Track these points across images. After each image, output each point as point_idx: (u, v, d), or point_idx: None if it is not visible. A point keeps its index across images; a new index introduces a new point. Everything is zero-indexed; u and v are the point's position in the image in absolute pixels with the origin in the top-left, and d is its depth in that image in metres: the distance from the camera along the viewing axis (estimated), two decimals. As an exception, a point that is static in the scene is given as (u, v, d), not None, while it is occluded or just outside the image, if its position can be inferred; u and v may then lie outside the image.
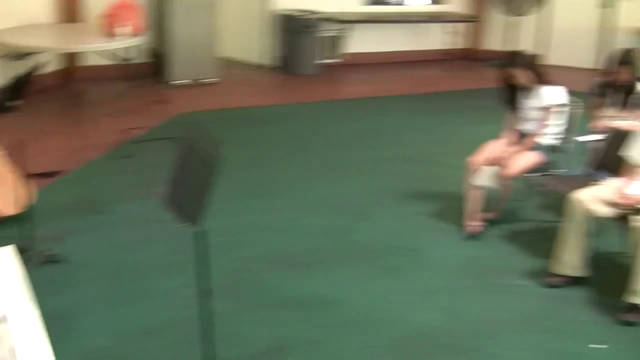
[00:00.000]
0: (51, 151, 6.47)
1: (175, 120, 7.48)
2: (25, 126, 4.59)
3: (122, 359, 3.71)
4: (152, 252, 4.78)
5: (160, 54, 9.00)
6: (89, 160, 6.37)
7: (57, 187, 5.80)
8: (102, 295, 4.26)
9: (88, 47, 7.89)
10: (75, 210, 5.37)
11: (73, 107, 8.27)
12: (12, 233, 4.70)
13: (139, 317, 4.06)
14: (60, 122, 7.55)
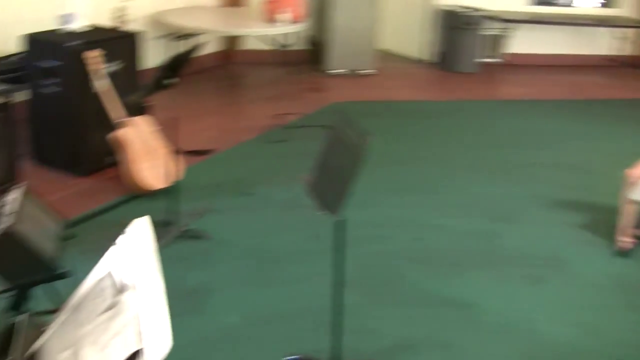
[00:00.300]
0: (204, 130, 6.63)
1: (328, 109, 7.49)
2: (181, 104, 4.71)
3: (250, 339, 3.74)
4: (291, 238, 4.79)
5: (319, 42, 9.05)
6: (240, 142, 6.47)
7: (207, 165, 5.93)
8: (238, 275, 4.32)
9: (248, 31, 8.04)
10: (222, 189, 5.47)
11: (229, 89, 8.45)
12: (158, 206, 4.85)
13: (271, 300, 4.09)
14: (215, 102, 7.71)
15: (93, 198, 5.23)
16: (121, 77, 5.51)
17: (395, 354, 3.68)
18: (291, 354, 3.58)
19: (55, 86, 5.37)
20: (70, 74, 5.32)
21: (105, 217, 4.94)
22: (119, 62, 5.52)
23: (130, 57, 5.70)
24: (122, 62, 5.57)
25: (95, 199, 5.21)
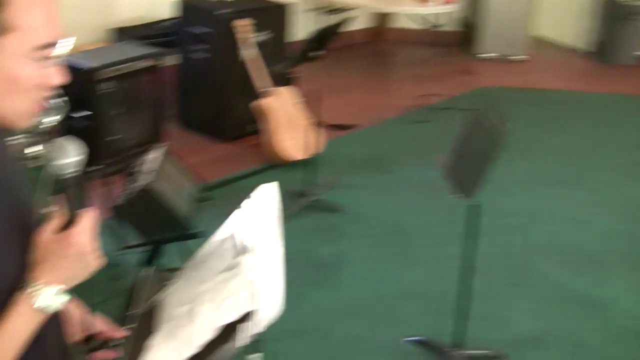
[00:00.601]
0: (347, 105, 6.62)
1: (476, 93, 7.31)
2: (326, 78, 4.72)
3: (374, 316, 3.75)
4: (427, 219, 4.74)
5: (471, 24, 8.86)
6: (382, 120, 6.43)
7: (347, 140, 5.93)
8: (370, 251, 4.32)
9: (400, 9, 7.96)
10: (360, 165, 5.47)
11: (376, 65, 8.41)
12: (295, 176, 4.89)
13: (399, 280, 4.08)
14: (360, 78, 7.70)
15: (232, 164, 5.34)
16: (269, 47, 5.58)
17: (520, 346, 3.57)
18: (413, 335, 3.54)
19: (204, 52, 5.49)
20: (220, 41, 5.43)
21: (242, 183, 5.03)
22: (267, 32, 5.59)
23: (279, 28, 5.76)
24: (271, 33, 5.63)
25: (234, 165, 5.32)
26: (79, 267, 1.33)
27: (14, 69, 1.19)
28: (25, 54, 1.18)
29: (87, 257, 1.33)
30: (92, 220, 1.35)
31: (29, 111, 1.26)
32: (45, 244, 1.32)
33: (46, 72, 1.23)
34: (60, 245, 1.31)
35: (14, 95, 1.21)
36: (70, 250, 1.31)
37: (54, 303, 1.31)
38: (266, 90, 5.25)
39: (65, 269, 1.32)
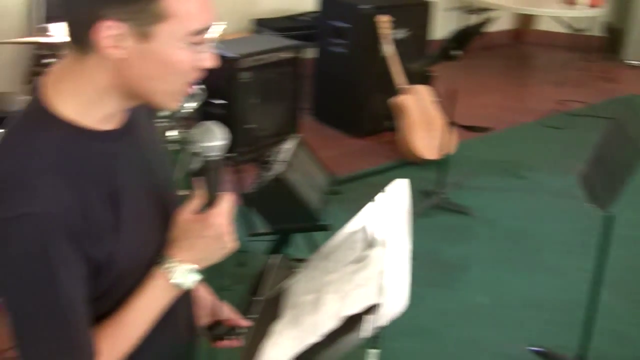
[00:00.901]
0: (482, 107, 6.53)
1: (619, 101, 7.05)
2: (463, 78, 4.67)
3: (495, 322, 3.69)
4: (557, 227, 4.63)
5: (616, 29, 8.56)
6: (518, 123, 6.32)
7: (480, 142, 5.86)
8: (495, 255, 4.26)
9: (543, 11, 7.78)
10: (492, 168, 5.39)
11: (515, 68, 8.26)
12: (426, 175, 4.87)
13: (525, 287, 4.00)
14: (498, 80, 7.58)
15: (364, 159, 5.38)
16: (408, 44, 5.57)
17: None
18: (534, 345, 3.47)
19: (343, 47, 5.54)
20: (359, 36, 5.47)
21: (373, 179, 5.05)
22: (407, 29, 5.58)
23: (419, 26, 5.75)
24: (411, 30, 5.62)
25: (366, 161, 5.35)
26: (214, 248, 1.39)
27: (170, 54, 1.24)
28: (181, 39, 1.24)
29: (224, 238, 1.38)
30: (230, 204, 1.40)
31: (179, 94, 1.32)
32: (184, 223, 1.38)
33: (199, 56, 1.28)
34: (199, 225, 1.37)
35: (167, 77, 1.27)
36: (208, 231, 1.36)
37: (187, 281, 1.37)
38: (404, 88, 5.25)
39: (201, 249, 1.38)
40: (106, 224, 1.28)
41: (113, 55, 1.23)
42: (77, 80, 1.28)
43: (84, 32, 1.22)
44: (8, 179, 1.22)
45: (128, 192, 1.33)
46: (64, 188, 1.22)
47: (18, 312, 1.24)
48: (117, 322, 1.34)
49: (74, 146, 1.27)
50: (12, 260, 1.21)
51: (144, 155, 1.41)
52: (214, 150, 1.38)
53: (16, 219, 1.18)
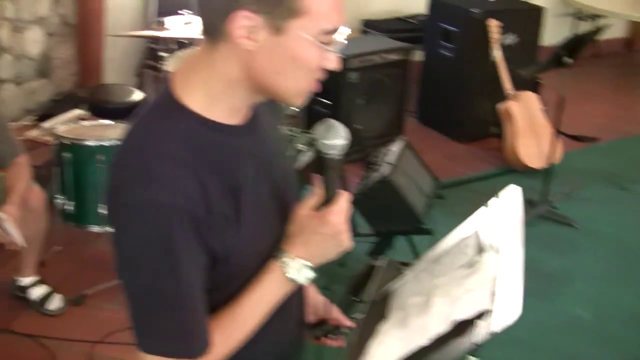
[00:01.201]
0: (590, 116, 6.38)
1: None
2: (571, 86, 4.57)
3: (596, 336, 3.62)
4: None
5: None
6: (627, 134, 6.15)
7: (587, 152, 5.72)
8: (599, 268, 4.18)
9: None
10: (597, 179, 5.26)
11: (626, 77, 8.02)
12: (530, 184, 4.80)
13: (630, 301, 3.90)
14: (608, 89, 7.39)
15: (468, 164, 5.34)
16: (517, 49, 5.51)
17: None
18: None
19: (451, 50, 5.51)
20: (468, 40, 5.43)
21: (476, 184, 5.01)
22: (517, 34, 5.51)
23: (529, 31, 5.66)
24: (520, 35, 5.55)
25: (469, 166, 5.31)
26: (330, 245, 1.41)
27: (299, 50, 1.27)
28: (311, 36, 1.26)
29: (340, 237, 1.40)
30: (348, 202, 1.43)
31: (304, 91, 1.35)
32: (302, 219, 1.41)
33: (325, 55, 1.31)
34: (317, 221, 1.39)
35: (294, 73, 1.30)
36: (325, 228, 1.39)
37: (301, 277, 1.40)
38: (512, 94, 5.19)
39: (317, 246, 1.40)
40: (227, 217, 1.31)
41: (244, 46, 1.26)
42: (207, 72, 1.32)
43: (219, 20, 1.26)
44: (137, 167, 1.27)
45: (249, 187, 1.36)
46: (190, 178, 1.26)
47: (137, 296, 1.29)
48: (231, 314, 1.38)
49: (200, 138, 1.31)
50: (135, 245, 1.26)
51: (265, 152, 1.45)
52: (336, 149, 1.40)
53: (143, 205, 1.24)
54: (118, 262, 1.30)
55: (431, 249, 1.75)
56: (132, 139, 1.33)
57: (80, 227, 3.69)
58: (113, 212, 1.28)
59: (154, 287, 1.27)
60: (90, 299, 3.60)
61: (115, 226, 1.28)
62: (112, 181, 1.30)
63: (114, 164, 1.32)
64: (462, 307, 1.39)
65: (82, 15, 5.21)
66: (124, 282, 1.30)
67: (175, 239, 1.25)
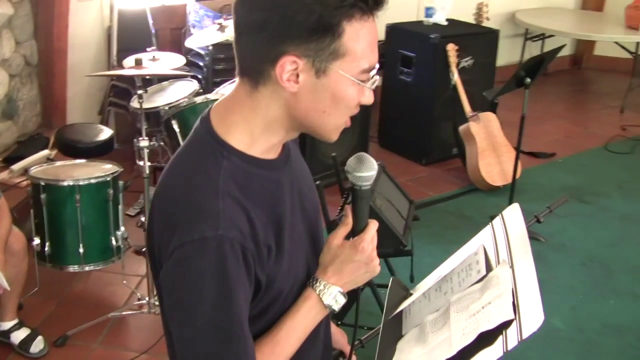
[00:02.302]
0: (546, 133, 6.56)
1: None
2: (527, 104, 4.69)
3: (570, 346, 3.71)
4: (628, 251, 4.64)
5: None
6: (582, 149, 6.32)
7: (546, 168, 5.88)
8: (568, 280, 4.28)
9: (604, 37, 7.77)
10: (558, 194, 5.35)
11: (575, 94, 8.25)
12: (494, 201, 4.93)
13: (601, 312, 4.01)
14: (559, 107, 7.58)
15: (432, 186, 5.44)
16: (475, 71, 5.65)
17: None
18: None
19: (410, 75, 5.62)
20: (427, 64, 5.55)
21: (442, 205, 5.11)
22: (473, 57, 5.65)
23: (485, 53, 5.81)
24: (478, 58, 5.69)
25: (433, 188, 5.42)
26: (362, 272, 1.48)
27: (341, 89, 1.33)
28: (352, 76, 1.33)
29: (372, 263, 1.48)
30: (375, 231, 1.49)
31: (341, 126, 1.42)
32: (335, 248, 1.47)
33: (363, 93, 1.37)
34: (350, 250, 1.46)
35: (335, 111, 1.36)
36: (358, 256, 1.46)
37: (336, 303, 1.46)
38: (472, 115, 5.31)
39: (350, 273, 1.47)
40: (270, 249, 1.37)
41: (289, 89, 1.32)
42: (248, 112, 1.37)
43: (266, 65, 1.32)
44: (189, 205, 1.32)
45: (287, 218, 1.42)
46: (239, 213, 1.32)
47: (193, 332, 1.31)
48: (271, 342, 1.42)
49: (245, 174, 1.37)
50: (195, 280, 1.29)
51: (297, 182, 1.51)
52: (367, 180, 1.46)
53: (200, 242, 1.28)
54: (170, 299, 1.34)
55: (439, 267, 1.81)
56: (181, 177, 1.37)
57: (59, 268, 3.69)
58: (169, 249, 1.31)
59: (212, 321, 1.30)
60: (73, 339, 3.59)
61: (171, 263, 1.31)
62: (165, 217, 1.34)
63: (165, 201, 1.36)
64: (484, 320, 1.45)
65: (45, 55, 5.21)
66: (177, 321, 1.34)
67: (230, 273, 1.29)
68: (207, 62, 5.33)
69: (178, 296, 1.33)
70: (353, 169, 1.47)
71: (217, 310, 1.30)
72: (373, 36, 1.34)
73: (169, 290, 1.34)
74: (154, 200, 1.40)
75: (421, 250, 3.89)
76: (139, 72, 3.62)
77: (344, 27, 1.28)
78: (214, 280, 1.29)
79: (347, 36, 1.29)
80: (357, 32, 1.30)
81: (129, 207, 4.60)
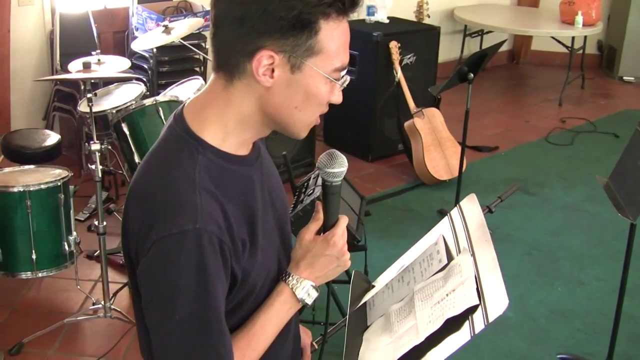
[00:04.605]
0: (487, 127, 6.71)
1: (619, 117, 7.23)
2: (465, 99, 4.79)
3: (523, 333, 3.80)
4: (571, 240, 4.77)
5: (610, 46, 8.75)
6: (523, 142, 6.47)
7: (489, 162, 6.01)
8: (516, 269, 4.38)
9: (540, 32, 7.95)
10: (502, 187, 5.40)
11: (515, 88, 8.43)
12: (440, 195, 5.02)
13: (548, 298, 4.12)
14: (499, 101, 7.75)
15: (378, 182, 5.52)
16: (417, 68, 5.74)
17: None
18: (565, 354, 3.59)
19: (354, 73, 5.69)
20: (370, 62, 5.62)
21: (389, 201, 5.19)
22: (415, 54, 5.74)
23: (427, 50, 5.91)
24: (419, 54, 5.78)
25: (380, 184, 5.49)
26: (334, 266, 1.53)
27: (314, 86, 1.38)
28: (326, 73, 1.37)
29: (344, 257, 1.52)
30: (345, 226, 1.54)
31: (312, 123, 1.46)
32: (307, 243, 1.52)
33: (333, 92, 1.42)
34: (322, 244, 1.50)
35: (306, 108, 1.41)
36: (330, 250, 1.50)
37: (309, 297, 1.50)
38: (416, 111, 5.40)
39: (322, 267, 1.51)
40: (245, 243, 1.40)
41: (263, 83, 1.36)
42: (222, 107, 1.41)
43: (243, 59, 1.35)
44: (167, 199, 1.34)
45: (260, 214, 1.46)
46: (215, 207, 1.35)
47: (172, 324, 1.33)
48: (247, 334, 1.46)
49: (219, 169, 1.40)
50: (174, 273, 1.32)
51: (267, 179, 1.55)
52: (338, 176, 1.51)
53: (179, 235, 1.30)
54: (149, 294, 1.36)
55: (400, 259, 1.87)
56: (158, 172, 1.39)
57: (11, 275, 3.65)
58: (146, 244, 1.33)
59: (190, 314, 1.33)
60: (29, 346, 3.55)
61: (149, 258, 1.33)
62: (142, 212, 1.36)
63: (142, 197, 1.38)
64: (449, 306, 1.51)
65: (-14, 62, 5.14)
66: (155, 315, 1.36)
67: (210, 265, 1.32)
68: (152, 65, 5.32)
69: (156, 290, 1.34)
70: (325, 165, 1.51)
71: (196, 303, 1.33)
72: (346, 37, 1.39)
73: (147, 285, 1.36)
74: (129, 199, 1.42)
75: (371, 245, 3.94)
76: (89, 75, 3.61)
77: (320, 25, 1.33)
78: (193, 273, 1.31)
79: (323, 34, 1.34)
80: (332, 31, 1.35)
81: (79, 212, 4.57)
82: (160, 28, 4.45)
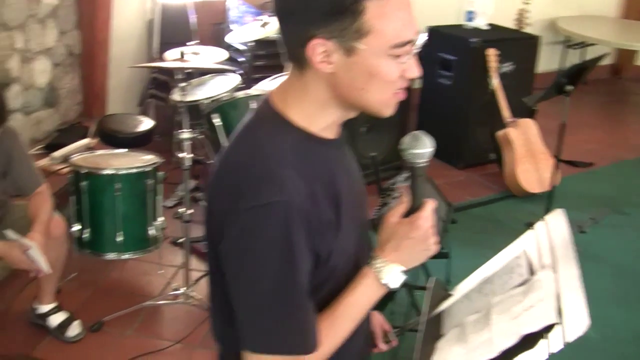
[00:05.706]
0: (584, 142, 6.52)
1: None
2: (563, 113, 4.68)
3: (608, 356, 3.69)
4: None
5: None
6: (620, 159, 6.28)
7: (583, 177, 5.85)
8: (602, 290, 4.24)
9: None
10: (594, 204, 5.35)
11: (616, 104, 8.19)
12: (530, 209, 4.90)
13: (633, 320, 3.99)
14: (598, 116, 7.55)
15: (467, 190, 5.44)
16: (514, 77, 5.63)
17: None
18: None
19: (450, 79, 5.62)
20: (467, 68, 5.55)
21: (476, 210, 5.10)
22: (513, 62, 5.63)
23: (525, 59, 5.79)
24: (517, 63, 5.67)
25: (469, 192, 5.41)
26: (420, 249, 1.49)
27: (374, 65, 1.36)
28: (383, 52, 1.35)
29: (429, 240, 1.49)
30: (433, 209, 1.50)
31: (391, 101, 1.43)
32: (392, 226, 1.49)
33: (404, 66, 1.39)
34: (407, 227, 1.48)
35: (376, 88, 1.38)
36: (415, 233, 1.47)
37: (395, 281, 1.48)
38: (510, 121, 5.30)
39: (407, 251, 1.48)
40: (330, 222, 1.40)
41: (324, 70, 1.36)
42: (300, 94, 1.43)
43: (299, 50, 1.36)
44: (258, 171, 1.36)
45: (344, 195, 1.45)
46: (303, 184, 1.35)
47: (257, 296, 1.34)
48: (331, 315, 1.45)
49: (305, 148, 1.42)
50: (258, 245, 1.33)
51: (348, 164, 1.56)
52: (423, 157, 1.48)
53: (267, 206, 1.31)
54: (234, 268, 1.37)
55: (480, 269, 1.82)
56: (250, 147, 1.41)
57: (97, 255, 3.73)
58: (235, 215, 1.34)
59: (276, 286, 1.34)
60: (108, 325, 3.63)
61: (236, 230, 1.34)
62: (230, 185, 1.38)
63: (232, 171, 1.40)
64: (526, 322, 1.46)
65: (88, 46, 5.28)
66: (241, 284, 1.37)
67: (294, 238, 1.32)
68: (247, 58, 5.37)
69: (242, 264, 1.35)
70: (408, 146, 1.48)
71: (283, 275, 1.33)
72: (403, 11, 1.35)
73: (233, 257, 1.37)
74: (217, 175, 1.44)
75: (454, 253, 3.89)
76: (183, 64, 3.66)
77: (364, 5, 1.31)
78: (279, 246, 1.32)
79: (369, 14, 1.32)
80: (382, 9, 1.32)
81: (166, 199, 4.64)
82: (259, 22, 4.49)
